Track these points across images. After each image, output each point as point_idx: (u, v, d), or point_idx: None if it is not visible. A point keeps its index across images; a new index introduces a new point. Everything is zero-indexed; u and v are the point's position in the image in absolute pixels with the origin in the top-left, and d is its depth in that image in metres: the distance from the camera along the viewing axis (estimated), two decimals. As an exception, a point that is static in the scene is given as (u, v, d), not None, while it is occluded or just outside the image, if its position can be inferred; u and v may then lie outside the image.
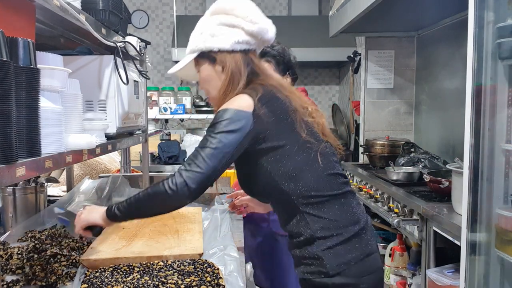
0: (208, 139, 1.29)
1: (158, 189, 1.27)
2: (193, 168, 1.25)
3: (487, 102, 1.67)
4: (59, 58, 1.28)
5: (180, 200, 1.28)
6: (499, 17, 1.63)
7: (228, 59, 1.42)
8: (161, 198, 1.27)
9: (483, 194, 1.67)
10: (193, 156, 1.27)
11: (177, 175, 1.26)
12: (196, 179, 1.25)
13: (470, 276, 1.69)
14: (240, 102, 1.33)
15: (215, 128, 1.29)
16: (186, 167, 1.26)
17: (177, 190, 1.24)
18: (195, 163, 1.26)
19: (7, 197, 2.06)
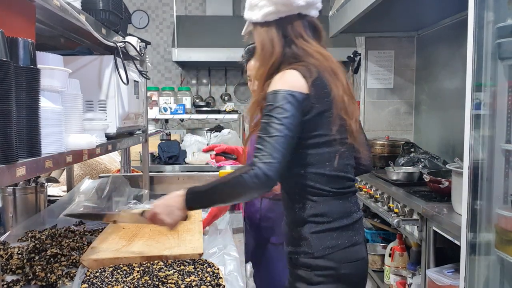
0: (273, 125, 1.28)
1: (242, 183, 1.28)
2: (269, 160, 1.26)
3: (487, 102, 1.67)
4: (59, 58, 1.28)
5: (262, 191, 1.31)
6: (499, 17, 1.63)
7: (261, 31, 1.44)
8: (246, 190, 1.30)
9: (483, 194, 1.67)
10: (264, 146, 1.28)
11: (257, 169, 1.26)
12: (273, 169, 1.26)
13: (470, 276, 1.70)
14: (294, 82, 1.33)
15: (277, 112, 1.29)
16: (263, 159, 1.26)
17: (259, 183, 1.26)
18: (269, 154, 1.26)
19: (7, 197, 2.06)
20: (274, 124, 1.28)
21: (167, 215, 1.39)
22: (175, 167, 3.92)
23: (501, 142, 1.68)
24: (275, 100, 1.30)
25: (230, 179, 1.31)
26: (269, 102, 1.31)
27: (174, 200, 1.39)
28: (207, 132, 4.59)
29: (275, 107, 1.29)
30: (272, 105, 1.30)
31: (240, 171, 1.29)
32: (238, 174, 1.28)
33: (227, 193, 1.34)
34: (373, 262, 3.13)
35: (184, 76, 5.83)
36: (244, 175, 1.26)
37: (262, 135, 1.29)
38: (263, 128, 1.30)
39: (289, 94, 1.30)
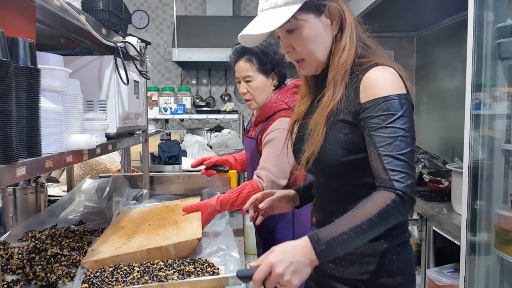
0: (402, 140, 1.09)
1: (391, 216, 1.08)
2: (410, 180, 1.08)
3: (487, 102, 1.67)
4: (60, 58, 1.28)
5: (407, 213, 1.14)
6: (498, 17, 1.63)
7: (339, 6, 1.21)
8: (392, 220, 1.10)
9: (483, 194, 1.67)
10: (401, 167, 1.08)
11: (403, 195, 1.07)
12: (414, 187, 1.10)
13: (469, 276, 1.70)
14: (398, 84, 1.15)
15: (400, 122, 1.10)
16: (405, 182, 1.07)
17: (407, 210, 1.11)
18: (408, 174, 1.08)
19: (7, 197, 2.06)
20: (402, 137, 1.09)
21: (292, 274, 1.05)
22: (175, 167, 3.92)
23: (500, 142, 1.68)
24: (391, 107, 1.10)
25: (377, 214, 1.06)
26: (388, 111, 1.10)
27: (299, 253, 1.07)
28: (207, 132, 4.59)
29: (398, 117, 1.10)
30: (394, 114, 1.10)
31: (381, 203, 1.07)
32: (383, 208, 1.06)
33: (372, 232, 1.08)
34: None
35: (184, 76, 5.84)
36: (390, 207, 1.06)
37: (393, 152, 1.09)
38: (391, 142, 1.09)
39: (403, 97, 1.12)
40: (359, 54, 1.21)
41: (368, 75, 1.15)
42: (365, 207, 1.08)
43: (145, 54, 2.26)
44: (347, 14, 1.22)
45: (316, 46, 1.20)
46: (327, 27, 1.21)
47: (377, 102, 1.11)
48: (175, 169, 3.80)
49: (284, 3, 1.16)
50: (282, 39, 1.23)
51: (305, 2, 1.15)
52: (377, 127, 1.11)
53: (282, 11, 1.15)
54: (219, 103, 5.77)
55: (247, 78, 2.02)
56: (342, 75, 1.18)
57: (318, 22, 1.19)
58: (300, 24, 1.18)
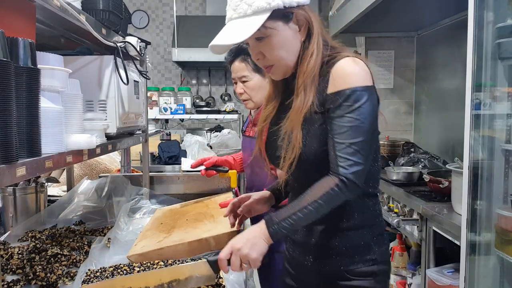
0: (356, 129, 1.16)
1: (334, 199, 1.18)
2: (356, 168, 1.16)
3: (487, 102, 1.67)
4: (60, 58, 1.28)
5: (352, 197, 1.21)
6: (498, 17, 1.63)
7: (305, 13, 1.24)
8: (336, 203, 1.20)
9: (483, 194, 1.67)
10: (349, 154, 1.16)
11: (346, 181, 1.16)
12: (361, 174, 1.18)
13: (470, 276, 1.70)
14: (364, 75, 1.20)
15: (357, 113, 1.16)
16: (350, 170, 1.16)
17: (351, 193, 1.19)
18: (354, 162, 1.16)
19: (7, 197, 2.06)
20: (357, 127, 1.16)
21: (250, 248, 1.19)
22: (175, 167, 3.92)
23: (500, 142, 1.68)
24: (354, 98, 1.16)
25: (318, 196, 1.17)
26: (348, 102, 1.17)
27: (255, 231, 1.21)
28: (207, 132, 4.59)
29: (356, 107, 1.16)
30: (352, 105, 1.16)
31: (326, 187, 1.18)
32: (324, 189, 1.18)
33: (317, 213, 1.19)
34: (373, 262, 3.13)
35: (184, 76, 5.84)
36: (333, 189, 1.17)
37: (345, 141, 1.17)
38: (345, 131, 1.17)
39: (367, 88, 1.18)
40: (328, 54, 1.25)
41: (337, 66, 1.20)
42: (312, 191, 1.19)
43: (145, 54, 2.26)
44: (314, 21, 1.25)
45: (285, 52, 1.24)
46: (295, 33, 1.25)
47: (341, 93, 1.17)
48: (175, 169, 3.80)
49: (253, 12, 1.18)
50: (252, 46, 1.27)
51: (273, 11, 1.18)
52: (335, 116, 1.18)
53: (252, 20, 1.18)
54: (219, 103, 5.77)
55: (243, 78, 2.01)
56: (311, 80, 1.23)
57: (287, 29, 1.23)
58: (269, 32, 1.21)
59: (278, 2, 1.17)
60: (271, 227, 1.19)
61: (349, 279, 1.30)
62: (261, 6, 1.17)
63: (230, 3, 1.23)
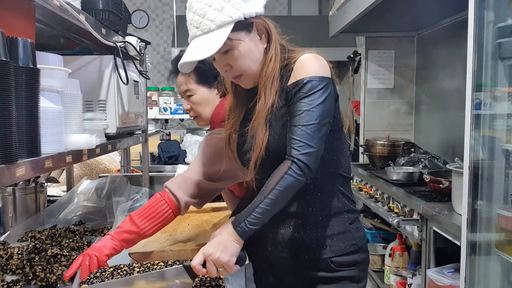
0: (309, 114, 1.22)
1: (290, 182, 1.20)
2: (307, 150, 1.21)
3: (487, 102, 1.67)
4: (59, 58, 1.28)
5: (305, 180, 1.23)
6: (499, 17, 1.63)
7: (264, 21, 1.31)
8: (295, 188, 1.22)
9: (483, 194, 1.67)
10: (301, 136, 1.21)
11: (298, 162, 1.20)
12: (313, 157, 1.22)
13: (470, 276, 1.69)
14: (323, 68, 1.27)
15: (310, 99, 1.22)
16: (301, 151, 1.21)
17: (304, 175, 1.21)
18: (306, 144, 1.21)
19: (7, 197, 2.06)
20: (309, 112, 1.22)
21: (221, 251, 1.21)
22: (175, 167, 3.92)
23: (501, 142, 1.68)
24: (309, 87, 1.23)
25: (276, 183, 1.21)
26: (305, 90, 1.23)
27: (224, 234, 1.24)
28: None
29: (308, 94, 1.23)
30: (308, 92, 1.23)
31: (282, 172, 1.21)
32: (279, 175, 1.21)
33: (279, 200, 1.22)
34: (373, 262, 3.12)
35: (184, 76, 5.83)
36: (288, 173, 1.20)
37: (298, 125, 1.22)
38: (299, 116, 1.23)
39: (323, 78, 1.25)
40: (286, 57, 1.32)
41: (298, 60, 1.27)
42: (270, 180, 1.22)
43: (145, 54, 2.26)
44: (272, 28, 1.32)
45: (251, 61, 1.29)
46: (257, 42, 1.31)
47: (299, 82, 1.24)
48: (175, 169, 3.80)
49: (216, 27, 1.23)
50: (218, 60, 1.31)
51: (235, 23, 1.23)
52: (292, 103, 1.24)
53: (216, 35, 1.23)
54: (219, 103, 5.76)
55: (187, 92, 1.76)
56: (271, 82, 1.29)
57: (249, 39, 1.28)
58: (234, 44, 1.26)
59: (239, 14, 1.23)
60: (238, 226, 1.21)
61: (334, 270, 1.34)
62: (224, 20, 1.22)
63: (192, 21, 1.26)
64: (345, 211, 1.36)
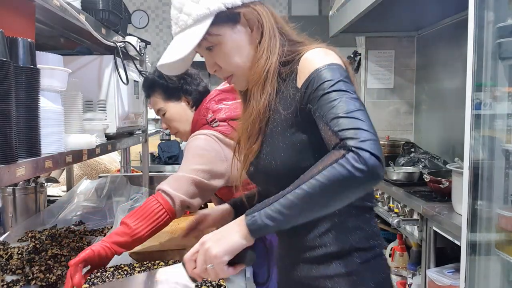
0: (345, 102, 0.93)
1: (340, 176, 0.86)
2: (369, 137, 0.87)
3: (487, 102, 1.67)
4: (59, 58, 1.28)
5: (376, 179, 0.88)
6: (499, 17, 1.63)
7: (253, 11, 1.09)
8: (348, 187, 0.88)
9: (483, 194, 1.67)
10: (351, 124, 0.89)
11: (358, 150, 0.85)
12: (373, 144, 0.87)
13: (470, 276, 1.69)
14: (332, 57, 1.03)
15: (341, 86, 0.95)
16: (361, 138, 0.87)
17: (368, 168, 0.85)
18: (363, 130, 0.88)
19: (7, 197, 2.06)
20: (347, 94, 0.94)
21: (216, 241, 0.96)
22: (175, 167, 3.92)
23: (501, 142, 1.68)
24: (329, 75, 0.97)
25: (322, 173, 0.87)
26: (324, 79, 0.97)
27: (231, 223, 0.98)
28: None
29: (336, 82, 0.96)
30: (331, 80, 0.96)
31: (328, 161, 0.88)
32: (325, 164, 0.87)
33: (317, 201, 0.89)
34: (373, 262, 3.12)
35: (184, 76, 5.83)
36: (338, 164, 0.86)
37: (340, 114, 0.91)
38: (335, 106, 0.92)
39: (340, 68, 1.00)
40: (289, 50, 1.10)
41: (301, 60, 1.05)
42: (311, 169, 0.90)
43: (145, 54, 2.26)
44: (265, 18, 1.10)
45: (240, 59, 1.11)
46: (247, 36, 1.10)
47: (312, 77, 0.99)
48: (175, 169, 3.80)
49: (194, 22, 1.06)
50: (206, 58, 1.15)
51: (216, 16, 1.06)
52: (318, 98, 0.96)
53: (194, 31, 1.06)
54: (219, 103, 5.77)
55: (160, 112, 1.78)
56: (263, 82, 1.08)
57: (236, 33, 1.09)
58: (217, 39, 1.09)
59: (218, 4, 1.05)
60: (250, 215, 0.93)
61: None
62: (201, 13, 1.05)
63: (172, 17, 1.12)
64: (358, 249, 1.07)
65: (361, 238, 1.08)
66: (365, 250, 1.08)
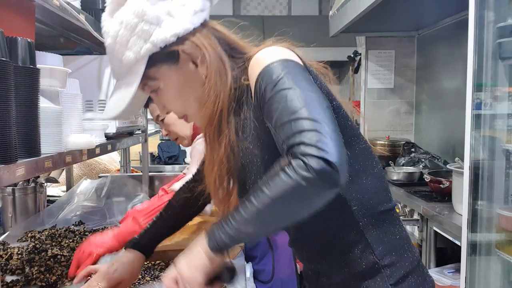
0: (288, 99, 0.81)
1: (283, 185, 0.77)
2: (309, 137, 0.76)
3: (487, 102, 1.67)
4: (59, 58, 1.27)
5: (330, 186, 0.76)
6: (499, 17, 1.63)
7: (193, 43, 0.94)
8: (296, 196, 0.78)
9: (484, 194, 1.67)
10: (293, 127, 0.78)
11: (302, 156, 0.75)
12: (326, 144, 0.75)
13: (470, 276, 1.69)
14: (278, 52, 0.90)
15: (283, 85, 0.83)
16: (305, 140, 0.76)
17: (316, 173, 0.74)
18: (304, 131, 0.77)
19: (6, 197, 2.06)
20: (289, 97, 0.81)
21: (185, 263, 0.91)
22: (175, 167, 3.92)
23: (501, 142, 1.68)
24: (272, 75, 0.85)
25: (264, 187, 0.79)
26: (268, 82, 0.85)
27: (196, 244, 0.91)
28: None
29: (276, 82, 0.84)
30: (274, 80, 0.84)
31: (274, 171, 0.79)
32: (275, 175, 0.78)
33: (266, 209, 0.80)
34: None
35: (184, 76, 5.83)
36: (283, 173, 0.77)
37: (284, 119, 0.80)
38: (279, 110, 0.81)
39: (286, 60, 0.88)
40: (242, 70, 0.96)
41: (248, 69, 0.93)
42: (262, 179, 0.82)
43: (145, 54, 2.25)
44: (207, 49, 0.94)
45: (186, 100, 0.99)
46: (191, 74, 0.97)
47: (257, 80, 0.87)
48: (174, 169, 3.80)
49: (127, 70, 0.96)
50: (155, 101, 1.04)
51: (150, 59, 0.93)
52: (265, 109, 0.85)
53: (129, 80, 0.96)
54: (219, 103, 5.76)
55: (159, 117, 1.78)
56: (217, 127, 0.94)
57: (176, 73, 0.97)
58: (157, 83, 0.98)
59: (147, 46, 0.92)
60: (211, 234, 0.87)
61: None
62: (131, 59, 0.93)
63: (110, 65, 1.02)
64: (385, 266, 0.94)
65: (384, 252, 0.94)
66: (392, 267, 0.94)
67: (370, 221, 0.94)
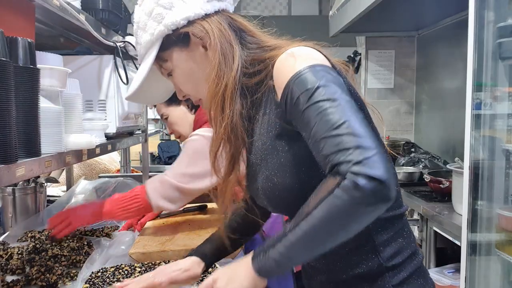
0: (329, 111, 0.79)
1: (335, 208, 0.75)
2: (361, 155, 0.73)
3: (487, 102, 1.67)
4: (59, 58, 1.28)
5: (383, 201, 0.74)
6: (499, 17, 1.63)
7: (202, 27, 0.97)
8: (348, 217, 0.76)
9: (484, 194, 1.67)
10: (336, 143, 0.76)
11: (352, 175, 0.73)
12: (373, 161, 0.73)
13: (470, 276, 1.69)
14: (310, 56, 0.89)
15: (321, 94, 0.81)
16: (352, 159, 0.74)
17: (367, 192, 0.72)
18: (349, 148, 0.75)
19: (6, 197, 2.06)
20: (329, 108, 0.79)
21: (226, 283, 0.89)
22: (175, 167, 3.92)
23: (501, 142, 1.68)
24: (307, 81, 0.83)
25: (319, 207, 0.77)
26: (303, 89, 0.83)
27: (239, 264, 0.91)
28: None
29: (312, 94, 0.81)
30: (310, 89, 0.82)
31: (323, 193, 0.77)
32: (325, 198, 0.76)
33: (320, 233, 0.79)
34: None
35: (184, 76, 5.83)
36: (330, 196, 0.75)
37: (325, 134, 0.78)
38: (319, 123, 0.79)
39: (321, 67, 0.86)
40: (257, 60, 0.97)
41: (274, 70, 0.91)
42: (309, 200, 0.81)
43: (145, 54, 2.25)
44: (214, 33, 0.97)
45: (197, 83, 1.01)
46: (201, 57, 0.99)
47: (289, 87, 0.85)
48: (175, 169, 3.80)
49: (145, 51, 1.03)
50: (173, 84, 1.08)
51: (163, 40, 0.99)
52: (298, 117, 0.84)
53: (146, 61, 1.02)
54: (219, 103, 5.76)
55: (164, 116, 1.89)
56: (220, 106, 0.95)
57: (188, 55, 1.00)
58: (170, 65, 1.02)
59: (160, 28, 0.98)
60: (257, 257, 0.86)
61: None
62: (147, 40, 1.01)
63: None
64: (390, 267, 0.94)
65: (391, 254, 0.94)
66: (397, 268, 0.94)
67: (380, 225, 0.94)
